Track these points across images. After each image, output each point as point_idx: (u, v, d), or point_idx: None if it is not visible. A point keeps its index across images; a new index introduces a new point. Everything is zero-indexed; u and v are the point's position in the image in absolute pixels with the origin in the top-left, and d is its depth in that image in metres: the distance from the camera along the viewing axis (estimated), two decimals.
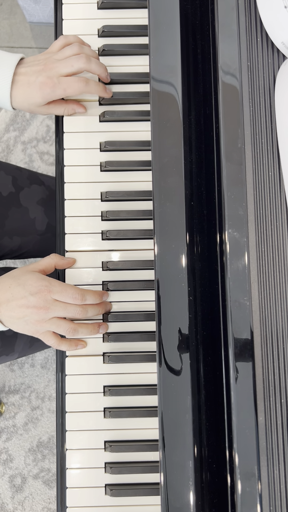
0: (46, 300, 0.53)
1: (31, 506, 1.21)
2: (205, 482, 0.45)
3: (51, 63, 0.57)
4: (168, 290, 0.47)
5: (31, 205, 0.76)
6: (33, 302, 0.53)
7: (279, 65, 0.50)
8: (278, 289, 0.46)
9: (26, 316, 0.53)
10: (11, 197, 0.74)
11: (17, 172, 0.77)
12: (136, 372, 0.57)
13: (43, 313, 0.53)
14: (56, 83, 0.56)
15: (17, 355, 0.75)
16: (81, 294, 0.54)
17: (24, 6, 1.34)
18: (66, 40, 0.59)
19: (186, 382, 0.46)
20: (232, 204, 0.46)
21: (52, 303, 0.53)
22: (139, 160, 0.59)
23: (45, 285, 0.53)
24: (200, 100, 0.51)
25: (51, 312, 0.53)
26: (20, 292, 0.53)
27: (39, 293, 0.53)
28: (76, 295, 0.54)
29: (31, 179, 0.78)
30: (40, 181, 0.80)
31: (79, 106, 0.60)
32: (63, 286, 0.54)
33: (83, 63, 0.57)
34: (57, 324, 0.54)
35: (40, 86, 0.56)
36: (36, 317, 0.53)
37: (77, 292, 0.54)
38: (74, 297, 0.54)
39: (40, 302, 0.53)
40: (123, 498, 0.54)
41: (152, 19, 0.51)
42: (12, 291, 0.54)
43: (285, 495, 0.43)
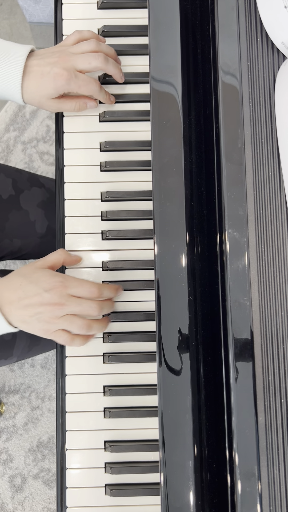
0: (62, 296, 0.52)
1: (31, 506, 1.21)
2: (205, 482, 0.45)
3: (66, 55, 0.55)
4: (168, 290, 0.47)
5: (31, 208, 0.76)
6: (47, 298, 0.51)
7: (279, 65, 0.50)
8: (278, 289, 0.46)
9: (39, 314, 0.52)
10: (11, 199, 0.74)
11: (17, 175, 0.77)
12: (136, 372, 0.57)
13: (58, 310, 0.52)
14: (73, 77, 0.55)
15: (15, 359, 0.75)
16: (98, 288, 0.53)
17: (24, 6, 1.34)
18: (81, 35, 0.58)
19: (186, 382, 0.46)
20: (232, 204, 0.46)
21: (68, 299, 0.52)
22: (139, 160, 0.59)
23: (59, 281, 0.52)
24: (200, 100, 0.51)
25: (66, 308, 0.52)
26: (32, 290, 0.52)
27: (54, 289, 0.52)
28: (93, 289, 0.53)
29: (31, 182, 0.78)
30: (40, 183, 0.80)
31: (90, 100, 0.58)
32: (79, 281, 0.53)
33: (101, 62, 0.55)
34: (70, 321, 0.53)
35: (55, 77, 0.54)
36: (49, 314, 0.52)
37: (94, 286, 0.53)
38: (91, 291, 0.53)
39: (55, 298, 0.51)
40: (123, 498, 0.54)
41: (152, 19, 0.51)
42: (24, 289, 0.52)
43: (285, 495, 0.43)
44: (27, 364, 1.28)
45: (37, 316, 0.52)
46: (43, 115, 1.39)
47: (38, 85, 0.56)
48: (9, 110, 1.39)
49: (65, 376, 0.56)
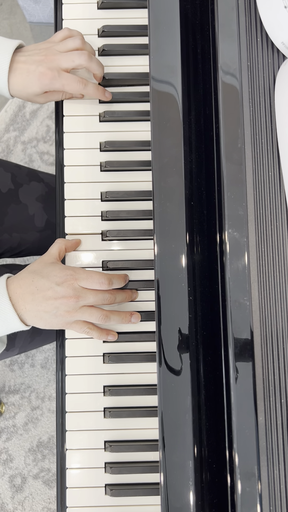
0: (75, 289, 0.52)
1: (31, 506, 1.21)
2: (205, 482, 0.45)
3: (52, 54, 0.57)
4: (168, 290, 0.47)
5: (30, 202, 0.76)
6: (61, 292, 0.52)
7: (279, 65, 0.50)
8: (278, 289, 0.46)
9: (56, 308, 0.52)
10: (10, 193, 0.74)
11: (16, 169, 0.77)
12: (136, 372, 0.57)
13: (73, 302, 0.52)
14: (56, 76, 0.56)
15: (17, 350, 0.75)
16: (108, 279, 0.53)
17: (24, 6, 1.34)
18: (70, 32, 0.59)
19: (186, 382, 0.46)
20: (232, 204, 0.46)
21: (81, 291, 0.53)
22: (139, 160, 0.59)
23: (70, 274, 0.53)
24: (200, 100, 0.51)
25: (81, 300, 0.52)
26: (45, 284, 0.52)
27: (66, 282, 0.52)
28: (102, 280, 0.53)
29: (30, 176, 0.78)
30: (39, 178, 0.80)
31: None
32: (88, 273, 0.53)
33: (84, 60, 0.57)
34: (88, 312, 0.53)
35: (39, 76, 0.56)
36: (65, 308, 0.52)
37: (103, 277, 0.53)
38: (101, 282, 0.53)
39: (69, 291, 0.52)
40: (123, 498, 0.54)
41: (152, 19, 0.51)
42: (36, 284, 0.52)
43: (285, 495, 0.43)
44: (27, 364, 1.28)
45: (53, 311, 0.52)
46: (43, 115, 1.39)
47: (24, 83, 0.57)
48: (9, 110, 1.39)
49: (65, 376, 0.56)
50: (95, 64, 0.58)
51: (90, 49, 0.59)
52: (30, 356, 1.28)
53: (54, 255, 0.55)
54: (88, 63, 0.57)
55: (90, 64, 0.57)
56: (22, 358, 1.28)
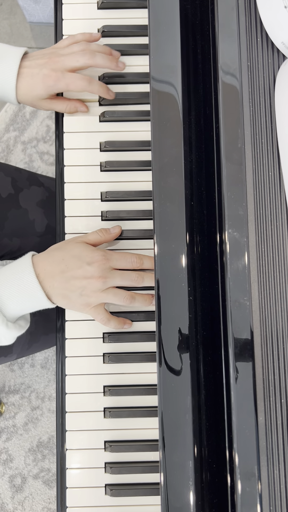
0: (105, 269, 0.53)
1: (31, 506, 1.21)
2: (205, 482, 0.45)
3: (56, 56, 0.57)
4: (168, 290, 0.47)
5: (30, 207, 0.76)
6: (91, 271, 0.52)
7: (279, 65, 0.50)
8: (278, 289, 0.46)
9: (82, 287, 0.53)
10: (10, 198, 0.74)
11: (17, 174, 0.77)
12: (136, 372, 0.57)
13: (101, 283, 0.53)
14: (60, 76, 0.56)
15: (15, 356, 0.75)
16: (139, 257, 0.55)
17: (24, 6, 1.34)
18: (74, 39, 0.60)
19: (186, 382, 0.46)
20: (232, 204, 0.46)
21: (110, 272, 0.53)
22: (139, 160, 0.59)
23: (102, 254, 0.54)
24: (200, 100, 0.51)
25: (109, 280, 0.53)
26: (76, 263, 0.53)
27: (96, 262, 0.53)
28: (134, 259, 0.54)
29: (30, 180, 0.78)
30: (40, 182, 0.80)
31: (81, 105, 0.60)
32: (120, 253, 0.55)
33: (88, 58, 0.57)
34: (114, 293, 0.54)
35: (43, 78, 0.56)
36: (93, 288, 0.53)
37: (135, 256, 0.55)
38: (132, 261, 0.54)
39: (99, 271, 0.53)
40: (123, 498, 0.54)
41: (152, 19, 0.51)
42: (67, 262, 0.53)
43: (285, 495, 0.43)
44: (27, 364, 1.28)
45: (79, 290, 0.53)
46: (43, 115, 1.39)
47: (29, 87, 0.57)
48: (9, 110, 1.39)
49: (65, 376, 0.56)
50: (100, 58, 0.58)
51: (96, 48, 0.59)
52: (30, 356, 1.28)
53: (89, 241, 0.56)
54: (92, 60, 0.57)
55: (94, 60, 0.57)
56: (22, 358, 1.28)
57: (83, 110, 0.60)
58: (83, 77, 0.57)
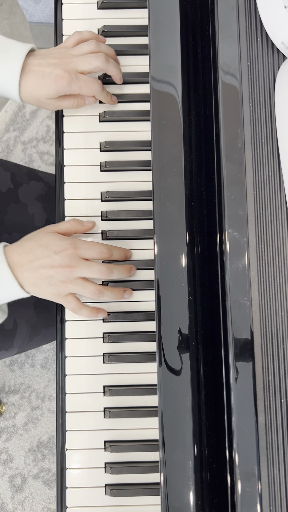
0: (72, 258, 0.53)
1: (31, 506, 1.21)
2: (205, 482, 0.45)
3: (67, 57, 0.56)
4: (168, 290, 0.47)
5: (30, 201, 0.76)
6: (58, 260, 0.52)
7: (279, 65, 0.50)
8: (278, 289, 0.46)
9: (51, 277, 0.53)
10: (9, 193, 0.74)
11: (16, 169, 0.77)
12: (136, 372, 0.57)
13: (68, 272, 0.52)
14: (74, 79, 0.55)
15: (16, 350, 0.75)
16: (108, 248, 0.54)
17: (24, 6, 1.34)
18: (81, 36, 0.58)
19: (186, 382, 0.46)
20: (232, 204, 0.46)
21: (78, 261, 0.53)
22: (139, 160, 0.59)
23: (70, 243, 0.53)
24: (200, 100, 0.51)
25: (76, 270, 0.53)
26: (43, 252, 0.53)
27: (64, 251, 0.53)
28: (103, 249, 0.54)
29: (29, 176, 0.78)
30: (39, 177, 0.80)
31: (89, 97, 0.59)
32: (89, 242, 0.54)
33: (101, 62, 0.56)
34: (82, 285, 0.54)
35: (56, 79, 0.55)
36: (60, 277, 0.53)
37: (104, 246, 0.54)
38: (101, 251, 0.54)
39: (66, 260, 0.52)
40: (123, 498, 0.54)
41: (152, 19, 0.51)
42: (35, 252, 0.53)
43: (285, 495, 0.43)
44: (27, 364, 1.28)
45: (48, 279, 0.53)
46: (43, 115, 1.39)
47: (39, 85, 0.56)
48: (9, 110, 1.39)
49: (65, 376, 0.56)
50: (113, 66, 0.57)
51: (106, 50, 0.58)
52: (30, 356, 1.28)
53: (60, 230, 0.55)
54: (106, 65, 0.56)
55: (107, 66, 0.56)
56: (22, 358, 1.28)
57: (91, 101, 0.59)
58: (97, 81, 0.57)
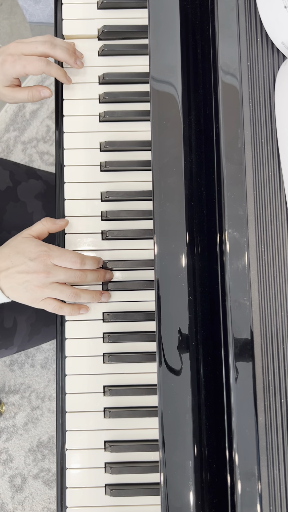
0: (46, 265, 0.54)
1: (31, 506, 1.21)
2: (205, 482, 0.45)
3: (16, 43, 0.58)
4: (168, 290, 0.47)
5: (29, 200, 0.76)
6: (33, 267, 0.53)
7: (279, 65, 0.50)
8: (278, 289, 0.46)
9: (26, 282, 0.54)
10: (8, 191, 0.74)
11: (15, 167, 0.77)
12: (136, 372, 0.57)
13: (43, 278, 0.54)
14: (17, 59, 0.57)
15: (16, 348, 0.75)
16: (81, 258, 0.55)
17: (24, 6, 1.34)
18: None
19: (186, 382, 0.46)
20: (232, 204, 0.46)
21: (52, 267, 0.54)
22: (139, 160, 0.59)
23: (44, 250, 0.54)
24: (200, 100, 0.51)
25: (51, 276, 0.54)
26: (19, 259, 0.54)
27: (39, 258, 0.54)
28: (75, 259, 0.54)
29: (28, 174, 0.78)
30: (38, 175, 0.80)
31: (43, 88, 0.60)
32: (62, 251, 0.55)
33: (47, 47, 0.57)
34: (59, 289, 0.55)
35: (2, 63, 0.57)
36: (36, 282, 0.54)
37: (76, 256, 0.55)
38: (74, 261, 0.54)
39: (40, 266, 0.53)
40: (123, 498, 0.54)
41: (152, 19, 0.51)
42: (12, 259, 0.54)
43: (285, 495, 0.43)
44: (27, 364, 1.28)
45: (24, 284, 0.54)
46: (43, 115, 1.39)
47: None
48: (9, 110, 1.39)
49: (65, 376, 0.56)
50: (60, 51, 0.58)
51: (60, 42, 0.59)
52: (30, 356, 1.28)
53: (34, 233, 0.57)
54: (52, 50, 0.57)
55: (54, 51, 0.57)
56: (22, 358, 1.28)
57: (46, 94, 0.60)
58: (40, 58, 0.57)
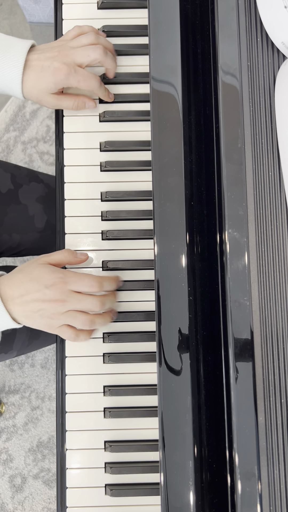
0: (63, 292, 0.52)
1: (31, 506, 1.21)
2: (205, 482, 0.45)
3: (65, 50, 0.56)
4: (168, 290, 0.47)
5: (30, 202, 0.76)
6: (49, 295, 0.51)
7: (279, 65, 0.50)
8: (278, 289, 0.46)
9: (42, 310, 0.52)
10: (10, 194, 0.74)
11: (16, 170, 0.77)
12: (136, 372, 0.57)
13: (60, 306, 0.52)
14: (72, 71, 0.55)
15: (15, 353, 0.75)
16: (98, 281, 0.53)
17: (24, 6, 1.34)
18: (81, 29, 0.58)
19: (186, 382, 0.46)
20: (232, 204, 0.46)
21: (69, 295, 0.52)
22: (139, 160, 0.59)
23: (60, 277, 0.52)
24: (200, 100, 0.51)
25: (68, 304, 0.52)
26: (34, 286, 0.52)
27: (55, 285, 0.52)
28: (93, 283, 0.52)
29: (30, 177, 0.78)
30: (39, 178, 0.80)
31: (89, 100, 0.59)
32: (78, 275, 0.53)
33: (99, 54, 0.56)
34: (73, 317, 0.53)
35: (54, 71, 0.55)
36: (52, 311, 0.52)
37: (93, 279, 0.53)
38: (91, 285, 0.52)
39: (56, 294, 0.52)
40: (123, 498, 0.54)
41: (152, 19, 0.51)
42: (26, 286, 0.52)
43: (285, 495, 0.43)
44: (27, 364, 1.28)
45: (40, 312, 0.52)
46: (43, 115, 1.39)
47: (38, 79, 0.56)
48: (9, 110, 1.39)
49: (65, 376, 0.56)
50: (110, 59, 0.57)
51: (105, 43, 0.58)
52: (30, 356, 1.28)
53: (52, 261, 0.55)
54: (103, 57, 0.56)
55: (105, 58, 0.56)
56: (22, 358, 1.28)
57: (91, 105, 0.59)
58: (95, 76, 0.56)
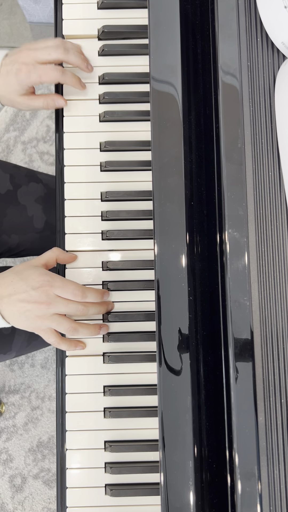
0: (48, 295, 0.53)
1: (31, 506, 1.21)
2: (205, 482, 0.45)
3: (28, 50, 0.58)
4: (168, 290, 0.47)
5: (29, 203, 0.76)
6: (34, 296, 0.52)
7: (279, 65, 0.50)
8: (278, 289, 0.46)
9: (28, 311, 0.53)
10: (9, 194, 0.74)
11: (15, 170, 0.77)
12: (136, 372, 0.57)
13: (44, 309, 0.53)
14: (32, 69, 0.56)
15: (14, 353, 0.75)
16: (82, 291, 0.54)
17: (24, 6, 1.34)
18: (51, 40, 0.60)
19: (186, 382, 0.46)
20: (232, 204, 0.46)
21: (54, 299, 0.53)
22: (139, 160, 0.59)
23: (47, 280, 0.53)
24: (200, 100, 0.51)
25: (53, 307, 0.53)
26: (22, 287, 0.53)
27: (41, 287, 0.53)
28: (76, 292, 0.53)
29: (29, 177, 0.78)
30: (38, 179, 0.80)
31: (59, 98, 0.59)
32: (64, 282, 0.54)
33: (60, 53, 0.57)
34: (58, 322, 0.54)
35: (16, 73, 0.57)
36: (37, 312, 0.53)
37: (77, 288, 0.53)
38: (75, 294, 0.53)
39: (42, 297, 0.52)
40: (123, 498, 0.54)
41: (152, 19, 0.51)
42: (14, 285, 0.53)
43: (285, 495, 0.43)
44: (27, 364, 1.28)
45: (25, 313, 0.53)
46: (43, 115, 1.39)
47: (6, 84, 0.58)
48: (9, 110, 1.39)
49: (65, 376, 0.56)
50: (73, 56, 0.58)
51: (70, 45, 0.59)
52: (30, 356, 1.28)
53: (42, 261, 0.56)
54: (65, 55, 0.57)
55: (67, 56, 0.57)
56: (22, 358, 1.28)
57: (61, 103, 0.59)
58: (55, 67, 0.57)
